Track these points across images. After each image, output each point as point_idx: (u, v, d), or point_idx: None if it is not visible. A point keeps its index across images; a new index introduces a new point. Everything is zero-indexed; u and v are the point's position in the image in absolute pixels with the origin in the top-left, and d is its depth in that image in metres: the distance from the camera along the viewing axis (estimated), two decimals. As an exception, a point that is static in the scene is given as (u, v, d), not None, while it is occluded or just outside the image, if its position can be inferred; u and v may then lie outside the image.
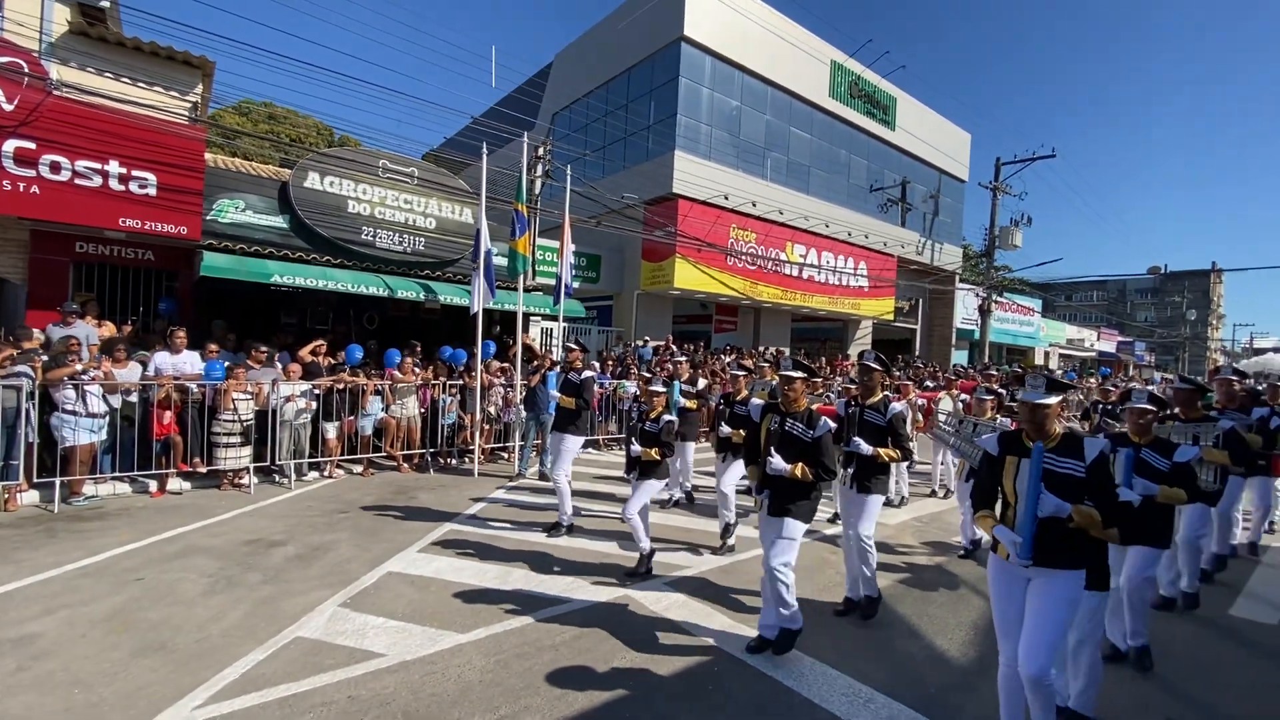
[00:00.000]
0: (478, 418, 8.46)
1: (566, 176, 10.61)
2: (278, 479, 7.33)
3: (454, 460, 8.80)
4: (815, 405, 3.98)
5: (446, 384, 8.55)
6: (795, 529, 3.57)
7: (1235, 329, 59.78)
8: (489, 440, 9.10)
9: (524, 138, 10.09)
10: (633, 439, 4.84)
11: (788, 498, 3.57)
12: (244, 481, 6.99)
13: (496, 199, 10.90)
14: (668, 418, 4.84)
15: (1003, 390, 7.01)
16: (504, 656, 3.48)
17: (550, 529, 5.76)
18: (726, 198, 17.14)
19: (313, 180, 9.59)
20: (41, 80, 7.34)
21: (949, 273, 26.02)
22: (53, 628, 3.58)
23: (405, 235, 10.44)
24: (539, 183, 13.75)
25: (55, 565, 4.48)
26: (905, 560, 5.53)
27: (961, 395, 8.54)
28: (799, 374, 3.72)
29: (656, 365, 12.75)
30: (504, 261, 10.16)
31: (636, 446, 4.76)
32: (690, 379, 7.40)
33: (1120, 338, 41.57)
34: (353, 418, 7.81)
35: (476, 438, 8.45)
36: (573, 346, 6.47)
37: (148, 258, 9.11)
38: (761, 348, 18.25)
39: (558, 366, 7.90)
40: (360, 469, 7.93)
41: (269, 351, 7.67)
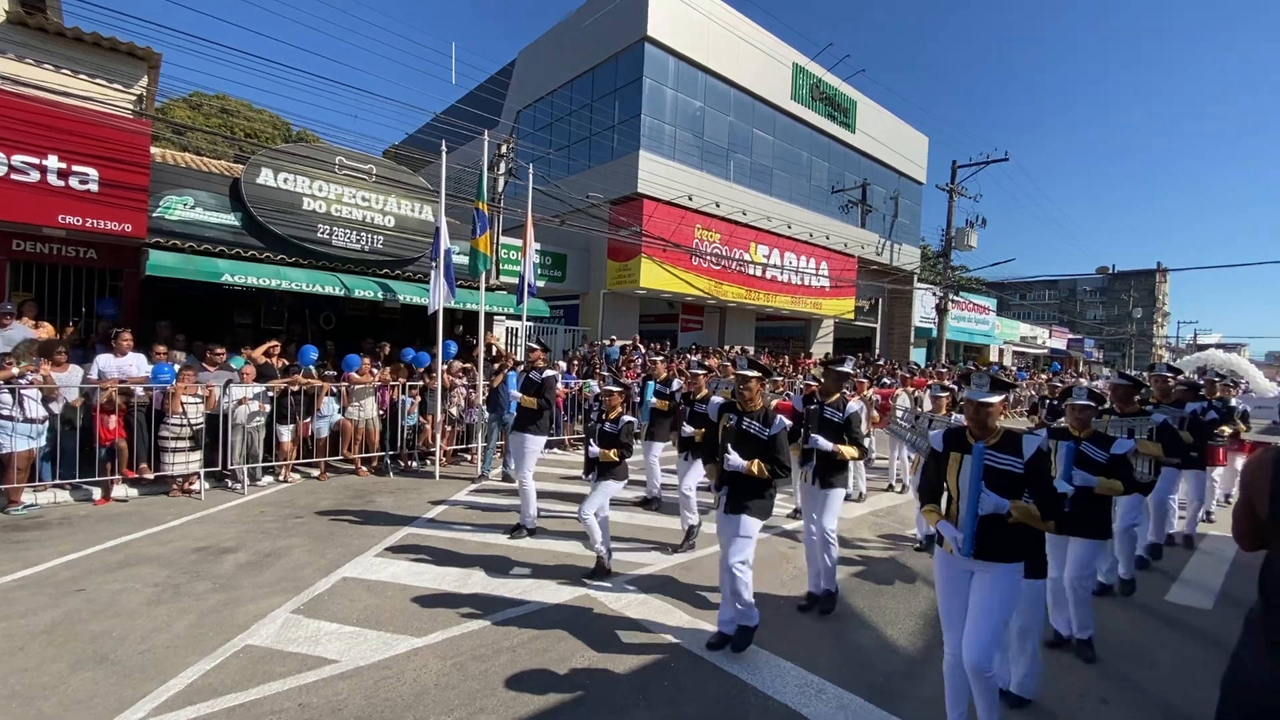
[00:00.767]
0: (439, 419, 8.35)
1: (529, 175, 10.53)
2: (230, 484, 7.12)
3: (414, 463, 8.67)
4: (774, 402, 4.06)
5: (406, 385, 8.42)
6: (752, 527, 3.63)
7: (1179, 326, 63.02)
8: (451, 442, 8.99)
9: (485, 135, 9.96)
10: (591, 439, 4.83)
11: (744, 495, 3.64)
12: (194, 487, 6.77)
13: (458, 197, 10.75)
14: (627, 418, 4.86)
15: (954, 387, 7.24)
16: (461, 659, 3.46)
17: (512, 531, 5.73)
18: (691, 198, 17.26)
19: (266, 176, 9.32)
20: (-29, 70, 6.97)
21: (907, 273, 26.69)
22: (-16, 643, 3.43)
23: (363, 233, 10.22)
24: (502, 181, 13.62)
25: (-13, 578, 4.28)
26: (861, 554, 5.66)
27: (916, 392, 8.78)
28: (754, 373, 3.79)
29: (623, 365, 12.78)
30: (465, 260, 10.04)
31: (595, 447, 4.75)
32: (666, 380, 7.43)
33: (1071, 335, 43.27)
34: (308, 420, 7.64)
35: (438, 439, 8.33)
36: (534, 346, 6.44)
37: (90, 256, 8.72)
38: (726, 347, 18.43)
39: (519, 366, 7.86)
40: (317, 473, 7.75)
41: (225, 353, 7.45)
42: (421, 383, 8.62)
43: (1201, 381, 7.26)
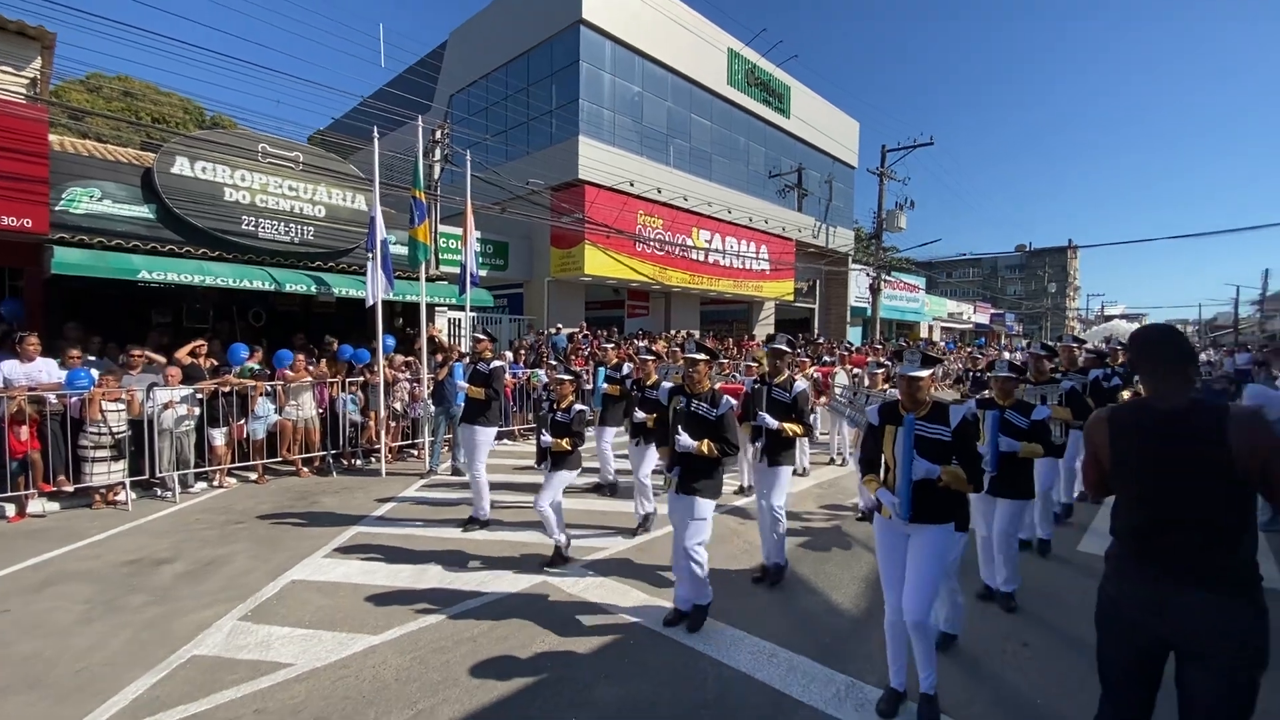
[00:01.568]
0: (382, 415, 8.15)
1: (467, 161, 10.31)
2: (159, 493, 6.76)
3: (359, 461, 8.45)
4: (719, 385, 4.19)
5: (345, 381, 8.17)
6: (705, 508, 3.76)
7: (1089, 299, 67.53)
8: (396, 438, 8.80)
9: (419, 121, 9.67)
10: (543, 429, 4.85)
11: (696, 475, 3.75)
12: (120, 498, 6.40)
13: (392, 185, 10.41)
14: (579, 407, 4.89)
15: (888, 363, 7.61)
16: (420, 653, 3.46)
17: (466, 524, 5.70)
18: (632, 184, 17.25)
19: (182, 165, 8.76)
20: None
21: (842, 254, 27.55)
22: (-107, 676, 3.19)
23: (292, 224, 9.77)
24: (438, 167, 13.25)
25: (-110, 607, 3.96)
26: (805, 525, 5.92)
27: (855, 369, 9.17)
28: (702, 356, 3.91)
29: (571, 352, 12.75)
30: (404, 250, 9.77)
31: (547, 437, 4.76)
32: (616, 365, 7.48)
33: (993, 310, 45.71)
34: (242, 422, 7.32)
35: (382, 436, 8.14)
36: (481, 336, 6.37)
37: (-16, 254, 8.04)
38: (673, 331, 18.63)
39: (465, 358, 7.75)
40: (255, 476, 7.45)
41: (144, 354, 7.03)
42: (363, 378, 8.38)
43: (1107, 350, 7.89)
